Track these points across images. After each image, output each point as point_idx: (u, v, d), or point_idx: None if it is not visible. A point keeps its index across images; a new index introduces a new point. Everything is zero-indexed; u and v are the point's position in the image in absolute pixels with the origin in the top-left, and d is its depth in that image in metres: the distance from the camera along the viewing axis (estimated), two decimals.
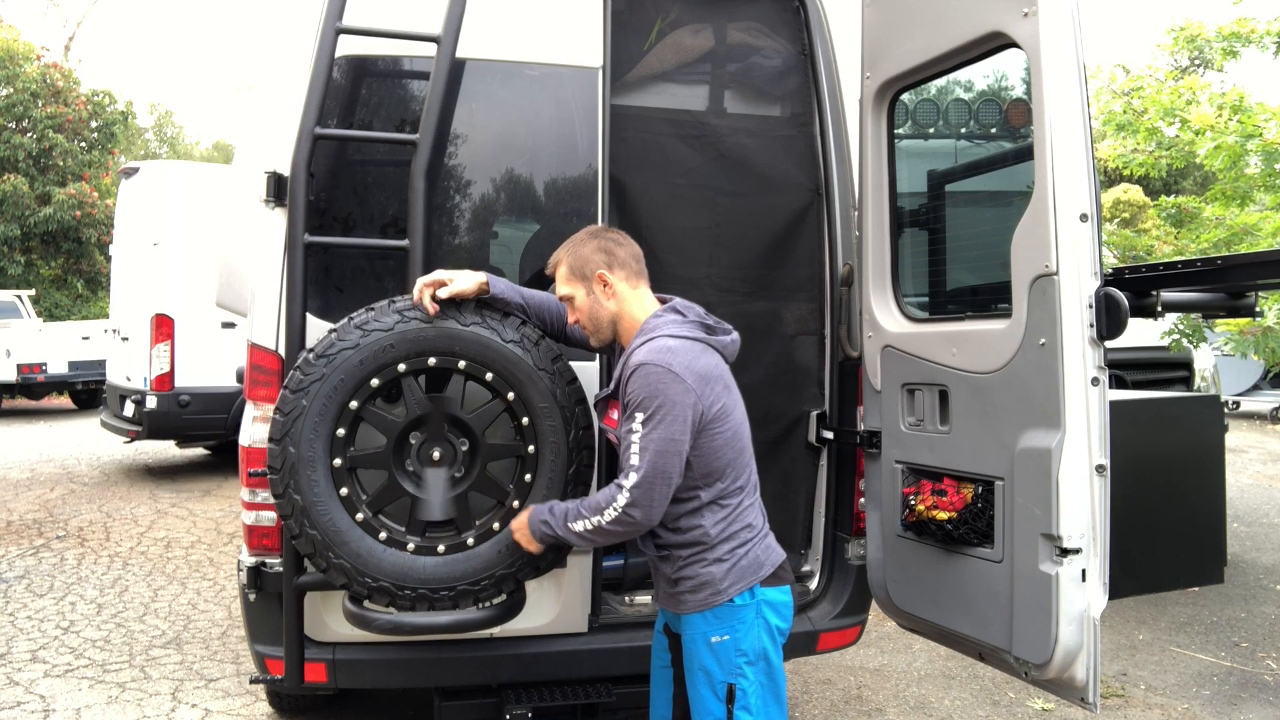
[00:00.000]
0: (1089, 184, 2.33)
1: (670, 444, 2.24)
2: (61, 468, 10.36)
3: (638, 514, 2.27)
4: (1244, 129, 6.41)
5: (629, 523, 2.29)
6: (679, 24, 3.53)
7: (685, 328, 2.38)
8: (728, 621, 2.36)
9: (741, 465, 2.40)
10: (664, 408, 2.23)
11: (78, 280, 21.16)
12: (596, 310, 2.46)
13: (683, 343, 2.33)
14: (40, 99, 20.02)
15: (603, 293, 2.44)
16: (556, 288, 2.52)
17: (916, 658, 4.88)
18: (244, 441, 2.93)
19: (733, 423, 2.37)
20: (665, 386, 2.24)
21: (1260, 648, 5.07)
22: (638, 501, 2.26)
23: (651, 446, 2.24)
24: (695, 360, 2.30)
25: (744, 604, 2.37)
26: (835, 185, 3.39)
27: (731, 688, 2.34)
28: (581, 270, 2.45)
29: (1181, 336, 7.06)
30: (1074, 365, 2.33)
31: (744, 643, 2.36)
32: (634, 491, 2.26)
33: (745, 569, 2.37)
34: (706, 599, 2.36)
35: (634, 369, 2.29)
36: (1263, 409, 15.62)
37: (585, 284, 2.45)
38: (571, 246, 2.49)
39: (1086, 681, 2.39)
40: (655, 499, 2.27)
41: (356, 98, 3.02)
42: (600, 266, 2.44)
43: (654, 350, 2.29)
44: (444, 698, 3.14)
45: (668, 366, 2.25)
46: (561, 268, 2.49)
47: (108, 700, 4.24)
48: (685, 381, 2.25)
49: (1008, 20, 2.45)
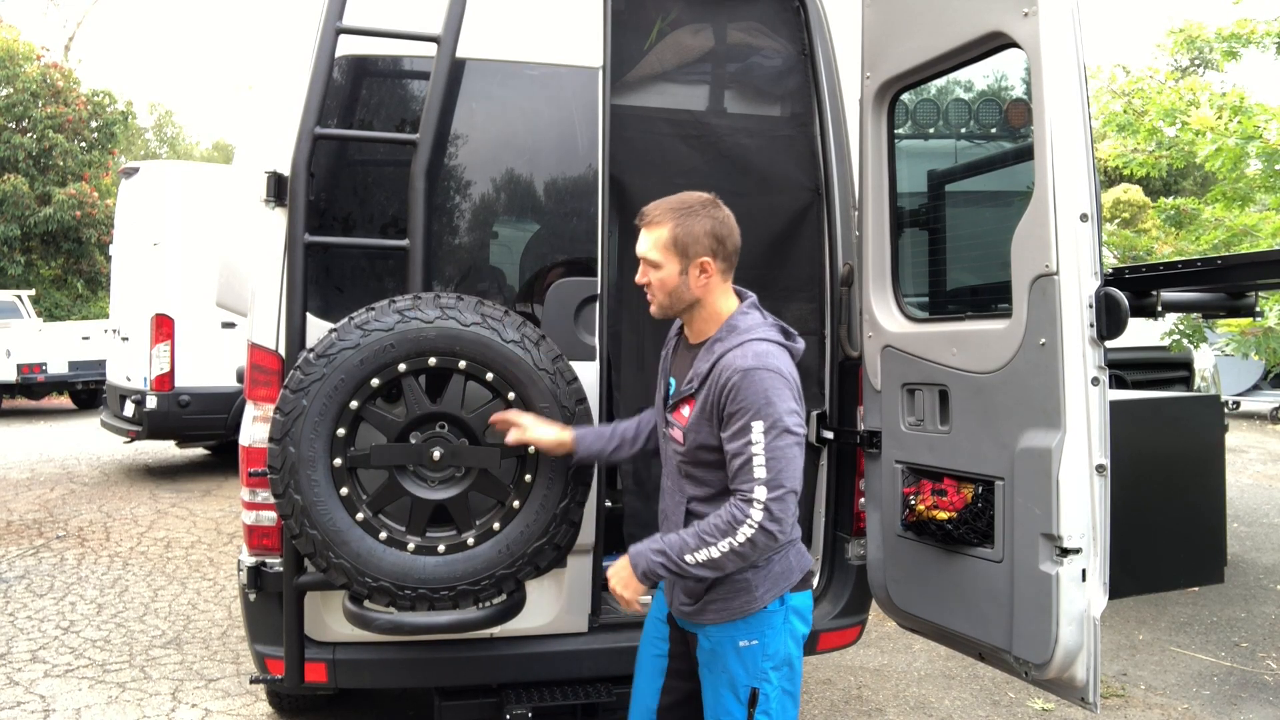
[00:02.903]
0: (1089, 184, 2.33)
1: (797, 449, 2.17)
2: (61, 468, 10.36)
3: (775, 529, 2.14)
4: (1244, 130, 6.41)
5: (765, 540, 2.14)
6: (679, 24, 3.53)
7: (773, 331, 2.31)
8: (757, 627, 2.32)
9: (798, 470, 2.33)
10: (782, 414, 2.15)
11: (78, 280, 21.15)
12: (682, 290, 2.29)
13: (778, 347, 2.26)
14: (40, 99, 20.02)
15: (697, 278, 2.28)
16: (644, 247, 2.31)
17: (916, 658, 4.88)
18: (244, 441, 2.93)
19: None
20: (779, 393, 2.16)
21: (1260, 648, 5.07)
22: (776, 515, 2.13)
23: (781, 455, 2.14)
24: (790, 366, 2.25)
25: (774, 610, 2.33)
26: (835, 185, 3.39)
27: (755, 692, 2.31)
28: (687, 247, 2.25)
29: (1182, 337, 7.06)
30: (1074, 365, 2.33)
31: (771, 647, 2.33)
32: (773, 505, 2.13)
33: (779, 576, 2.33)
34: (742, 607, 2.30)
35: (741, 373, 2.17)
36: (1263, 409, 15.62)
37: (683, 261, 2.26)
38: (682, 215, 2.27)
39: (1086, 681, 2.39)
40: (789, 510, 2.16)
41: (356, 98, 3.02)
42: (706, 253, 2.26)
43: (759, 356, 2.19)
44: (444, 698, 3.14)
45: (778, 372, 2.18)
46: (662, 232, 2.27)
47: (108, 700, 4.24)
48: (793, 385, 2.20)
49: (1008, 20, 2.45)
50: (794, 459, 2.16)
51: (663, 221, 2.28)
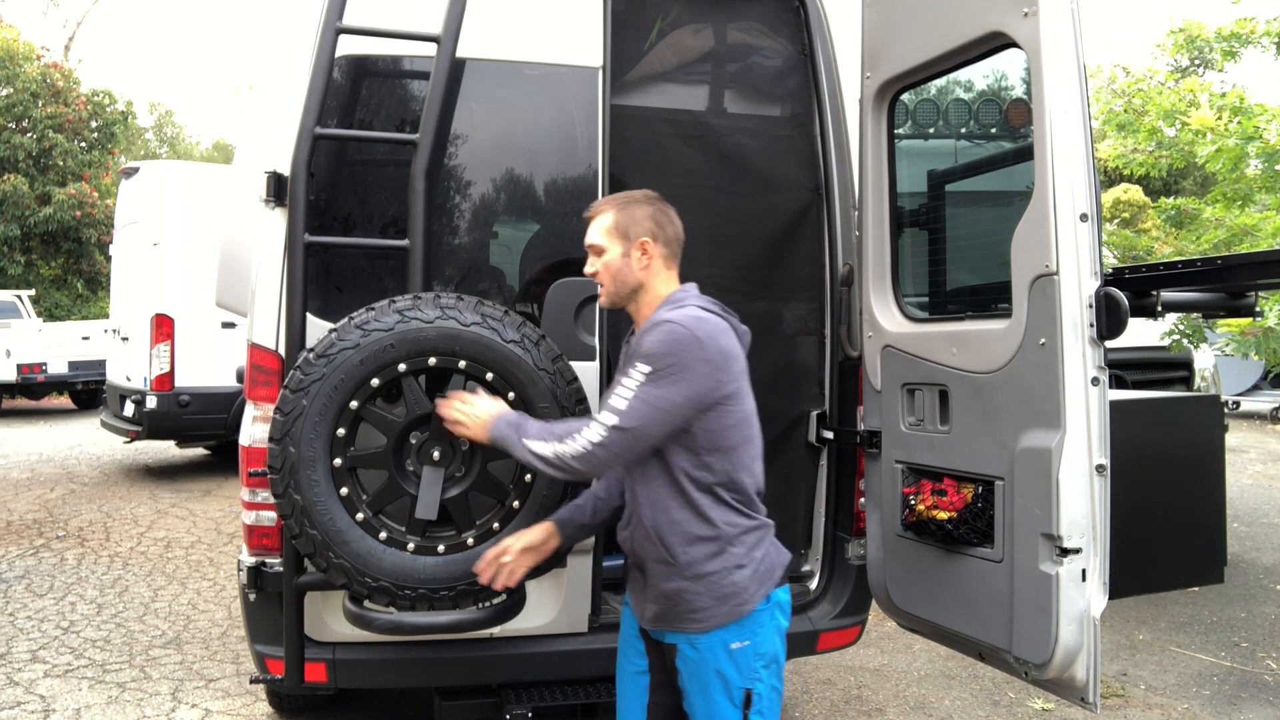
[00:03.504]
0: (1089, 184, 2.33)
1: (668, 406, 2.14)
2: (61, 468, 10.36)
3: (604, 455, 2.15)
4: (1244, 130, 6.41)
5: (592, 461, 2.16)
6: (679, 24, 3.53)
7: (714, 305, 2.33)
8: (749, 628, 2.29)
9: (751, 456, 2.32)
10: (676, 369, 2.14)
11: (78, 280, 21.15)
12: (625, 273, 2.35)
13: (713, 316, 2.27)
14: (40, 99, 20.02)
15: (639, 259, 2.35)
16: (591, 235, 2.40)
17: (916, 658, 4.88)
18: (244, 441, 2.93)
19: (745, 408, 2.29)
20: (686, 350, 2.15)
21: (1260, 648, 5.07)
22: (610, 444, 2.14)
23: (648, 400, 2.13)
24: (721, 335, 2.24)
25: (763, 609, 2.31)
26: (835, 185, 3.39)
27: (749, 693, 2.28)
28: (627, 230, 2.35)
29: (1182, 337, 7.06)
30: (1074, 365, 2.33)
31: (762, 646, 2.31)
32: (612, 433, 2.14)
33: (764, 574, 2.31)
34: (734, 611, 2.27)
35: (657, 324, 2.20)
36: (1263, 409, 15.62)
37: (625, 244, 2.35)
38: (623, 202, 2.39)
39: (1086, 681, 2.39)
40: (625, 451, 2.17)
41: (356, 98, 3.02)
42: (646, 234, 2.35)
43: (684, 314, 2.21)
44: (444, 698, 3.14)
45: (693, 331, 2.17)
46: (606, 217, 2.38)
47: (108, 700, 4.24)
48: (707, 351, 2.17)
49: (1008, 20, 2.45)
50: (661, 410, 2.14)
51: (606, 209, 2.41)
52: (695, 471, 2.25)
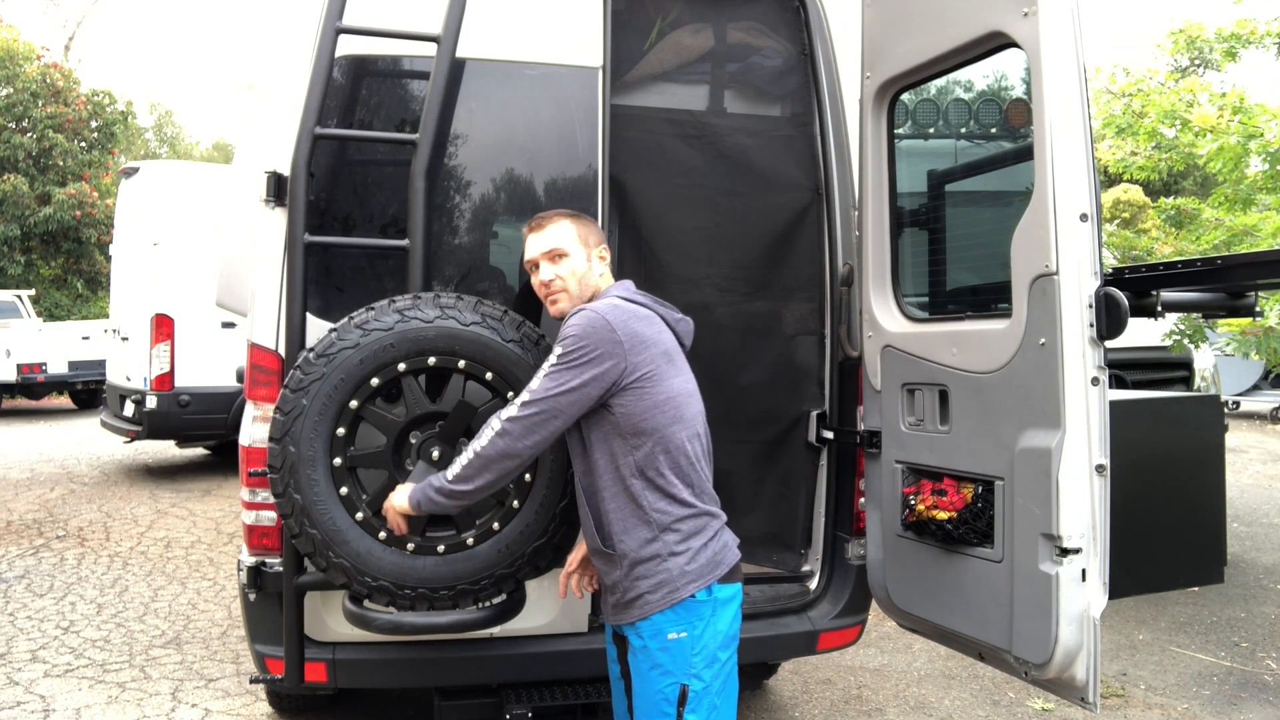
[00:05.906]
0: (1089, 184, 2.33)
1: (576, 384, 2.23)
2: (61, 468, 10.36)
3: (515, 429, 2.23)
4: (1245, 130, 6.41)
5: (508, 436, 2.23)
6: (679, 24, 3.53)
7: (639, 295, 2.42)
8: (686, 618, 2.29)
9: (683, 439, 2.32)
10: (586, 350, 2.22)
11: (78, 280, 21.15)
12: (589, 276, 2.46)
13: (631, 305, 2.35)
14: (40, 99, 20.02)
15: (598, 265, 2.49)
16: (552, 241, 2.45)
17: (916, 658, 4.88)
18: (244, 441, 2.93)
19: (667, 390, 2.30)
20: (594, 333, 2.24)
21: (1260, 648, 5.07)
22: (521, 418, 2.23)
23: (558, 380, 2.23)
24: (635, 321, 2.30)
25: (703, 600, 2.30)
26: (835, 185, 3.38)
27: (685, 689, 2.26)
28: (586, 237, 2.48)
29: (1182, 337, 7.05)
30: (1074, 365, 2.33)
31: (700, 642, 2.29)
32: (523, 409, 2.24)
33: (704, 565, 2.31)
34: (666, 597, 2.29)
35: (576, 312, 2.31)
36: (1263, 409, 15.62)
37: (586, 249, 2.47)
38: (573, 214, 2.53)
39: (1086, 681, 2.39)
40: (535, 430, 2.24)
41: (356, 98, 3.02)
42: (600, 244, 2.52)
43: (601, 303, 2.33)
44: (444, 698, 3.14)
45: (604, 315, 2.26)
46: (564, 224, 2.47)
47: (108, 700, 4.24)
48: (616, 334, 2.25)
49: (1008, 20, 2.45)
50: (569, 390, 2.23)
51: (561, 218, 2.49)
52: (627, 455, 2.31)
